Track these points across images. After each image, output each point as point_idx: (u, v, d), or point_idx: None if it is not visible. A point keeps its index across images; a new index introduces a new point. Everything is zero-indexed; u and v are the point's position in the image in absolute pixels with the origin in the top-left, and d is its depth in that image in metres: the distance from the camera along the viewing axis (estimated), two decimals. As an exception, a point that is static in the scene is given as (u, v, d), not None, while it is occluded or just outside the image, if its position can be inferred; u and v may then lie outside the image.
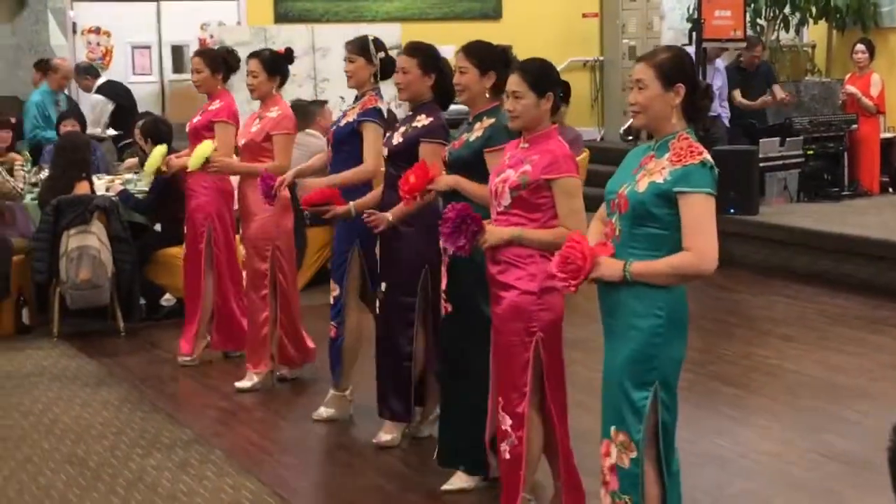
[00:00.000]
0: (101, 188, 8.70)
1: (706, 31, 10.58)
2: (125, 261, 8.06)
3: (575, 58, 14.36)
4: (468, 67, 4.97)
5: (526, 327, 4.38)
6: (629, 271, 3.70)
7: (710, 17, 10.80)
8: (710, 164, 3.71)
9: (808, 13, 14.43)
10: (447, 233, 4.45)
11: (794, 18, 14.53)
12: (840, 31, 14.83)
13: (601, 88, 15.09)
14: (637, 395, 3.76)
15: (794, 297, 8.98)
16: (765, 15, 14.27)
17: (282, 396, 6.71)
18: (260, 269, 6.64)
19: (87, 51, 12.89)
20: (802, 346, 7.58)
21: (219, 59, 7.09)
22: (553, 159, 4.34)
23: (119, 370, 7.31)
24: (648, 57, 3.83)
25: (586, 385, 5.45)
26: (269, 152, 6.55)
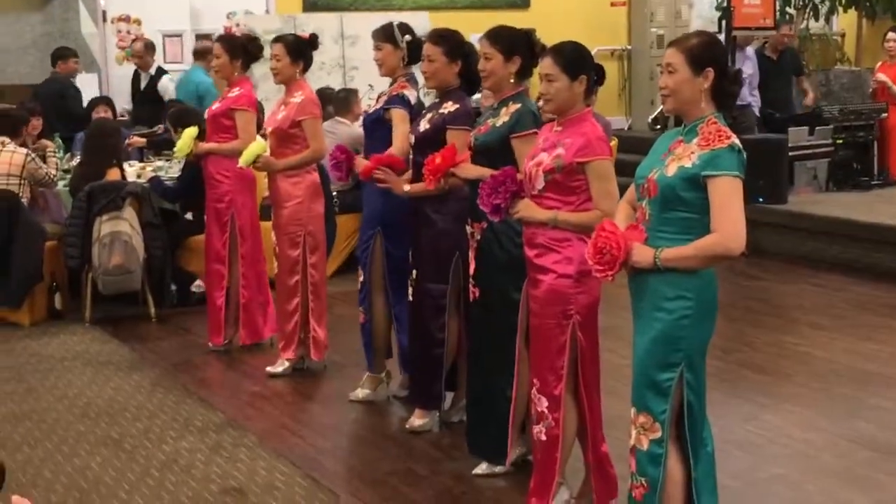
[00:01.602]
0: (132, 175, 8.78)
1: (736, 20, 10.57)
2: (156, 247, 8.13)
3: (602, 47, 14.31)
4: (493, 53, 4.98)
5: (563, 310, 4.42)
6: (659, 258, 3.74)
7: (739, 5, 10.80)
8: (739, 147, 3.74)
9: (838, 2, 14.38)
10: (486, 192, 4.49)
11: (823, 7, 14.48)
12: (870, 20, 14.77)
13: (629, 78, 15.05)
14: (662, 376, 3.80)
15: (822, 286, 8.98)
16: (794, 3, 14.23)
17: (313, 380, 6.76)
18: (292, 256, 6.68)
19: (116, 39, 12.97)
20: (831, 333, 7.59)
21: (238, 45, 7.11)
22: (586, 142, 4.35)
23: (151, 355, 7.38)
24: (679, 41, 3.87)
25: (616, 372, 5.50)
26: (299, 139, 6.58)
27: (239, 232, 7.20)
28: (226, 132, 7.10)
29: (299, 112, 6.56)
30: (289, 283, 6.73)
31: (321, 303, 6.79)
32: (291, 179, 6.64)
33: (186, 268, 8.57)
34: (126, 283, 8.00)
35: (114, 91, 12.36)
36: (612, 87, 14.66)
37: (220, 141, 7.12)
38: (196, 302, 8.54)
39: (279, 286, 6.82)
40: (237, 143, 6.93)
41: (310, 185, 6.68)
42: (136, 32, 13.06)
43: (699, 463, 3.90)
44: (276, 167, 6.60)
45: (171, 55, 13.17)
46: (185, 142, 7.17)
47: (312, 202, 6.70)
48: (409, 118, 5.83)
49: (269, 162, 6.58)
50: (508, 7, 14.35)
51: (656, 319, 3.80)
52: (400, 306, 6.04)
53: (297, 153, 6.59)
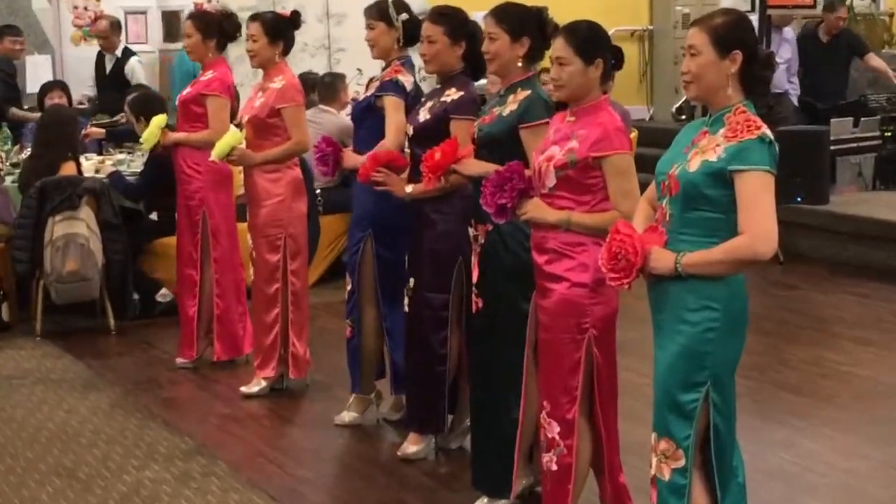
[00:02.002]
0: (89, 170, 8.79)
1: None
2: (117, 251, 8.14)
3: (621, 27, 14.35)
4: (498, 33, 4.98)
5: (578, 323, 4.43)
6: (681, 263, 3.75)
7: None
8: (770, 139, 3.75)
9: (887, -22, 14.40)
10: (489, 190, 4.49)
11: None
12: (922, -2, 14.79)
13: (650, 62, 15.09)
14: (686, 397, 3.82)
15: (867, 296, 9.00)
16: (837, -21, 14.24)
17: (293, 402, 6.78)
18: (270, 262, 6.69)
19: (72, 16, 12.97)
20: (877, 350, 7.61)
21: (213, 23, 7.13)
22: (603, 134, 4.36)
23: (110, 372, 7.39)
24: (703, 21, 3.88)
25: (636, 392, 5.50)
26: (278, 129, 6.58)
27: (212, 233, 7.20)
28: (197, 121, 7.12)
29: (279, 99, 6.57)
30: (267, 292, 6.74)
31: (302, 314, 6.80)
32: (270, 175, 6.65)
33: (150, 274, 8.58)
34: (82, 291, 8.01)
35: (69, 75, 12.34)
36: (632, 72, 14.68)
37: (190, 130, 7.13)
38: (161, 313, 8.55)
39: (256, 295, 6.83)
40: (209, 132, 6.94)
41: (291, 181, 6.69)
42: (94, 9, 13.06)
43: (728, 495, 3.91)
44: (253, 160, 6.61)
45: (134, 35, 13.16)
46: (152, 132, 7.18)
47: (294, 201, 6.71)
48: (403, 107, 5.84)
49: (245, 155, 6.59)
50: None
51: (679, 333, 3.81)
52: (393, 319, 6.05)
53: (277, 145, 6.60)
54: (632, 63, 14.55)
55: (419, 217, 5.55)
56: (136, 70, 11.32)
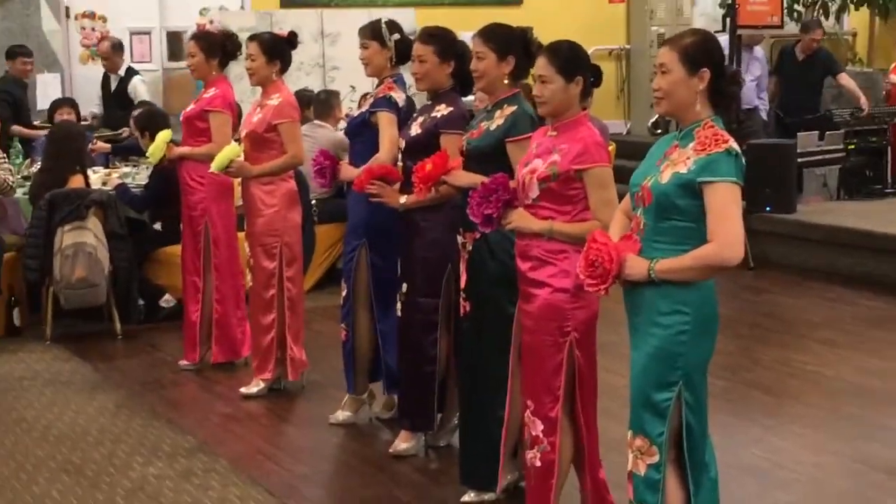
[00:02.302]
0: (96, 182, 8.77)
1: (741, 18, 10.59)
2: (123, 259, 8.12)
3: (600, 46, 14.36)
4: (485, 52, 4.99)
5: (560, 327, 4.43)
6: (654, 270, 3.76)
7: (744, 2, 10.82)
8: (736, 151, 3.76)
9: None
10: (476, 201, 4.49)
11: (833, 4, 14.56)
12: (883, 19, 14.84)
13: (628, 79, 15.11)
14: (659, 396, 3.82)
15: (834, 300, 9.01)
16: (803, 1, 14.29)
17: (290, 402, 6.76)
18: (267, 269, 6.68)
19: (81, 37, 12.97)
20: (843, 351, 7.61)
21: (215, 43, 7.14)
22: (584, 148, 4.37)
23: (116, 374, 7.37)
24: (673, 40, 3.89)
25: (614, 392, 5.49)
26: (275, 144, 6.58)
27: (213, 242, 7.20)
28: (201, 135, 7.11)
29: (276, 115, 6.56)
30: (264, 297, 6.73)
31: (298, 319, 6.79)
32: (266, 187, 6.64)
33: (154, 281, 8.56)
34: (90, 297, 7.99)
35: (78, 92, 12.35)
36: (610, 88, 14.71)
37: (194, 145, 7.13)
38: (164, 318, 8.54)
39: (254, 300, 6.82)
40: (212, 146, 6.93)
41: (286, 192, 6.68)
42: (101, 30, 13.06)
43: (700, 489, 3.91)
44: (250, 173, 6.60)
45: (139, 54, 13.16)
46: (158, 146, 7.17)
47: (289, 211, 6.71)
48: (396, 122, 5.85)
49: (243, 167, 6.58)
50: (500, 4, 14.40)
51: (652, 335, 3.82)
52: (386, 323, 6.05)
53: (273, 159, 6.59)
54: (610, 80, 14.56)
55: (410, 226, 5.54)
56: (138, 88, 11.29)
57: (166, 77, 13.22)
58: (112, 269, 8.06)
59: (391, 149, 5.78)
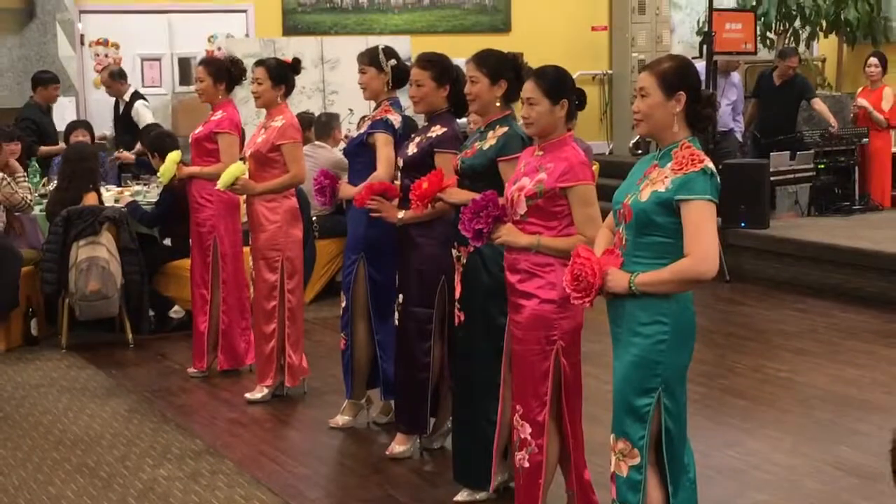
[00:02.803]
0: (109, 199, 8.77)
1: (717, 45, 10.62)
2: (134, 272, 8.11)
3: (584, 71, 14.40)
4: (479, 77, 5.01)
5: (547, 336, 4.43)
6: (634, 283, 3.76)
7: (720, 29, 10.86)
8: (711, 171, 3.77)
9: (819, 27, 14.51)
10: (467, 217, 4.50)
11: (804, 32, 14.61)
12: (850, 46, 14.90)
13: (610, 102, 15.14)
14: (640, 402, 3.82)
15: (805, 311, 9.03)
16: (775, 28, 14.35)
17: (292, 407, 6.75)
18: (269, 281, 6.68)
19: (94, 63, 12.98)
20: (814, 359, 7.62)
21: (222, 68, 7.15)
22: (568, 167, 4.38)
23: (128, 382, 7.36)
24: (652, 65, 3.90)
25: (599, 398, 5.51)
26: (277, 163, 6.59)
27: (221, 257, 7.20)
28: (209, 156, 7.12)
29: (280, 136, 6.57)
30: (266, 308, 6.72)
31: (297, 328, 6.79)
32: (269, 204, 6.65)
33: (164, 293, 8.56)
34: (103, 308, 7.99)
35: (92, 115, 12.36)
36: (594, 111, 14.75)
37: (203, 165, 7.14)
38: (173, 328, 8.54)
39: (256, 311, 6.82)
40: (220, 165, 6.94)
41: (288, 209, 6.69)
42: (113, 56, 13.07)
43: (679, 489, 3.91)
44: (254, 190, 6.61)
45: (149, 79, 13.18)
46: (168, 166, 7.19)
47: (290, 227, 6.71)
48: (393, 143, 5.86)
49: (247, 184, 6.59)
50: (490, 31, 14.45)
51: (633, 344, 3.82)
52: (383, 333, 6.05)
53: (276, 177, 6.60)
54: (593, 103, 14.63)
55: (406, 241, 5.55)
56: (140, 112, 11.22)
57: (176, 100, 13.22)
58: (124, 282, 8.05)
59: (388, 167, 5.80)
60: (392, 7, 14.17)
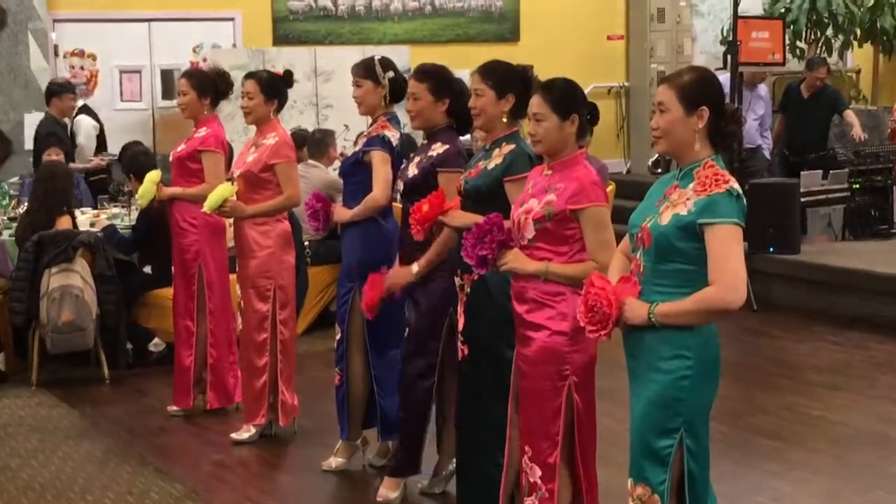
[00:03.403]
0: (84, 223, 8.77)
1: (742, 55, 10.64)
2: (111, 302, 8.11)
3: (599, 84, 14.46)
4: (484, 90, 5.02)
5: (558, 370, 4.42)
6: (654, 314, 3.76)
7: (746, 39, 10.88)
8: (738, 192, 3.77)
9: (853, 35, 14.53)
10: (470, 242, 4.50)
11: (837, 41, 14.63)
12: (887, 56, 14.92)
13: (627, 117, 15.19)
14: (660, 443, 3.81)
15: (839, 343, 9.01)
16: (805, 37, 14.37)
17: (282, 448, 6.74)
18: (260, 311, 6.67)
19: (69, 75, 13.01)
20: (850, 395, 7.61)
21: (207, 81, 7.16)
22: (580, 187, 4.38)
23: (104, 421, 7.34)
24: (671, 78, 3.91)
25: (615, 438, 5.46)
26: (270, 184, 6.59)
27: (207, 285, 7.19)
28: (193, 176, 7.12)
29: (273, 155, 6.57)
30: (257, 341, 6.71)
31: (290, 363, 6.78)
32: (261, 228, 6.65)
33: (143, 325, 8.55)
34: (77, 341, 7.98)
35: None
36: (610, 127, 14.78)
37: (186, 186, 7.14)
38: (153, 362, 8.52)
39: (245, 344, 6.81)
40: (205, 186, 6.92)
41: (280, 234, 6.69)
42: (90, 68, 13.11)
43: (707, 538, 3.90)
44: (244, 213, 6.61)
45: (129, 93, 13.21)
46: (148, 188, 7.14)
47: (283, 253, 6.71)
48: (390, 160, 5.87)
49: (236, 207, 6.59)
50: (497, 41, 14.49)
51: (653, 381, 3.81)
52: (380, 367, 6.03)
53: (267, 199, 6.60)
54: (609, 118, 14.68)
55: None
56: (80, 126, 11.18)
57: (158, 116, 13.26)
58: (100, 312, 8.05)
59: (385, 188, 5.80)
60: (391, 15, 14.22)
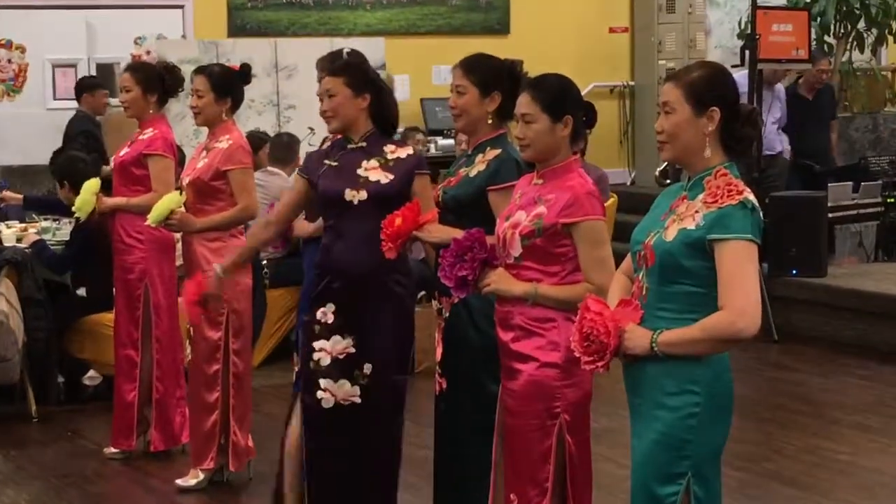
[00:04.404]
0: (10, 238, 8.76)
1: (762, 50, 10.67)
2: (40, 328, 8.09)
3: (600, 82, 14.49)
4: (466, 87, 5.02)
5: (548, 408, 4.42)
6: (657, 342, 3.77)
7: (766, 32, 10.89)
8: (752, 204, 3.78)
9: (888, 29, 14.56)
10: (448, 261, 4.48)
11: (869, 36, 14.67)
12: (927, 52, 14.97)
13: (632, 120, 15.21)
14: (664, 490, 3.82)
15: (870, 379, 9.04)
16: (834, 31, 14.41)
17: (234, 496, 6.75)
18: (211, 340, 6.66)
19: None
20: (881, 438, 7.63)
21: (154, 76, 7.16)
22: (573, 198, 4.39)
23: (31, 465, 7.32)
24: (678, 75, 3.93)
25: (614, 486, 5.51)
26: (222, 193, 6.59)
27: (154, 309, 7.17)
28: (137, 183, 7.12)
29: (226, 160, 6.58)
30: (207, 373, 6.70)
31: (245, 399, 6.78)
32: (213, 244, 6.64)
33: (77, 355, 8.54)
34: (0, 374, 7.95)
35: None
36: (612, 132, 14.81)
37: (130, 195, 7.13)
38: (89, 398, 8.50)
39: (194, 376, 6.80)
40: (152, 196, 6.90)
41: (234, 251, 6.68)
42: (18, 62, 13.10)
43: None
44: (193, 226, 6.60)
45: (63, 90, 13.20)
46: (86, 199, 7.12)
47: (238, 273, 6.69)
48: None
49: (185, 220, 6.58)
50: (484, 33, 14.51)
51: (656, 419, 3.82)
52: None
53: (220, 210, 6.61)
54: (612, 122, 14.70)
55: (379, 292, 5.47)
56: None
57: (97, 116, 13.24)
58: (27, 340, 8.03)
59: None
60: (363, 3, 14.24)
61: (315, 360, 5.46)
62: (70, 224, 8.71)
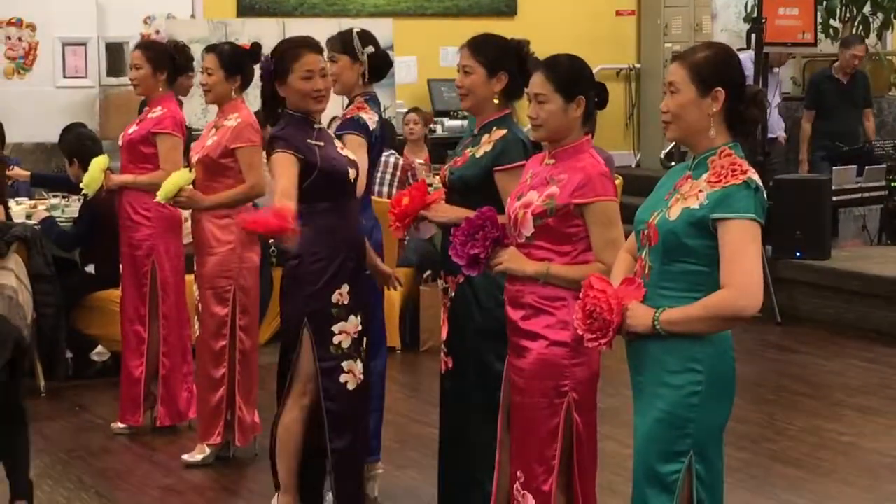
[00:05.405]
0: (19, 215, 8.76)
1: (768, 34, 10.66)
2: (49, 304, 8.08)
3: (606, 65, 14.47)
4: (473, 66, 5.03)
5: (556, 386, 4.42)
6: (659, 321, 3.77)
7: (772, 15, 10.89)
8: (756, 184, 3.78)
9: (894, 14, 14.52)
10: (460, 240, 4.49)
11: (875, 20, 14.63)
12: (933, 37, 14.93)
13: (637, 103, 15.20)
14: (666, 468, 3.83)
15: (873, 361, 9.04)
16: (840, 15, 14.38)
17: (240, 471, 6.75)
18: (218, 315, 6.67)
19: (5, 48, 12.99)
20: (884, 419, 7.63)
21: (164, 54, 7.17)
22: (586, 178, 4.39)
23: (39, 439, 7.29)
24: (684, 55, 3.93)
25: (617, 464, 5.51)
26: (231, 171, 6.60)
27: (160, 286, 7.19)
28: (146, 161, 7.13)
29: (234, 138, 6.58)
30: (213, 349, 6.72)
31: (250, 375, 6.80)
32: (221, 221, 6.65)
33: (85, 331, 8.55)
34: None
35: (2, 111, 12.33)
36: (618, 114, 14.80)
37: (138, 172, 7.13)
38: (96, 373, 8.52)
39: (201, 352, 6.81)
40: (160, 174, 6.91)
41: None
42: (29, 40, 13.08)
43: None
44: (202, 203, 6.60)
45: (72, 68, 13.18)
46: (94, 175, 7.13)
47: (246, 250, 6.70)
48: (367, 146, 5.87)
49: (194, 197, 6.58)
50: (491, 15, 14.49)
51: (659, 397, 3.82)
52: None
53: (228, 188, 6.61)
54: (617, 105, 14.68)
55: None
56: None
57: (104, 95, 13.22)
58: (36, 316, 8.01)
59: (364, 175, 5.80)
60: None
61: (336, 345, 5.41)
62: (79, 201, 8.72)
